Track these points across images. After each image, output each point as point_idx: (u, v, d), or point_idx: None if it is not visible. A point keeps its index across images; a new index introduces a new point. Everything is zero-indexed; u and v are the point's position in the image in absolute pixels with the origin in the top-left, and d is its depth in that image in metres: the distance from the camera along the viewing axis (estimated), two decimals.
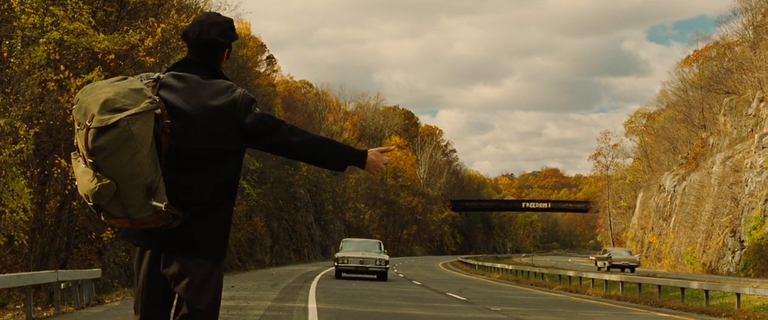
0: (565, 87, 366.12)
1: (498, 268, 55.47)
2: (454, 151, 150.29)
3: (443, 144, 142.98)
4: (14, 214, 21.10)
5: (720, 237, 55.85)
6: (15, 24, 21.90)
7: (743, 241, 52.56)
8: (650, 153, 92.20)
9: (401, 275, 45.10)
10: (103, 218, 4.58)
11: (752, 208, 51.72)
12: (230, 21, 4.99)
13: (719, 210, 57.66)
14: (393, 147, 6.03)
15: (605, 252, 63.19)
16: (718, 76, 71.28)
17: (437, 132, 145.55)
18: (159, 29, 26.33)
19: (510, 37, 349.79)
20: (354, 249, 37.13)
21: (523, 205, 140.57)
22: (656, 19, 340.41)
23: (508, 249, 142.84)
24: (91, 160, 4.38)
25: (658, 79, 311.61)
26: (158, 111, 4.53)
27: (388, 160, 4.98)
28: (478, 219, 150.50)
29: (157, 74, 4.85)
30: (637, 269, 56.20)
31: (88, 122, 4.36)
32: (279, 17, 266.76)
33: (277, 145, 4.82)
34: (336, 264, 36.17)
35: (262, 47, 78.57)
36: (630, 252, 62.45)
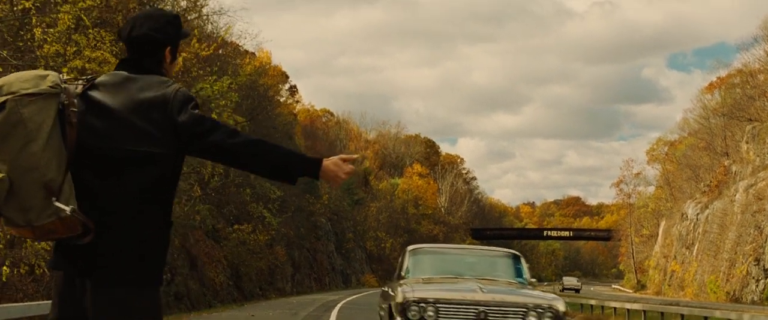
0: (585, 115, 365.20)
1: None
2: (474, 179, 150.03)
3: (464, 172, 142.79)
4: (36, 243, 21.13)
5: (743, 265, 55.47)
6: (38, 53, 22.01)
7: (767, 270, 52.20)
8: (672, 181, 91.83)
9: None
10: (5, 226, 3.97)
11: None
12: (172, 15, 4.37)
13: (743, 238, 57.28)
14: (357, 156, 5.14)
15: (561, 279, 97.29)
16: (741, 104, 70.97)
17: (458, 160, 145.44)
18: (180, 58, 26.39)
19: (528, 64, 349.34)
20: (453, 275, 13.61)
21: (545, 233, 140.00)
22: (676, 46, 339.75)
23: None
24: None
25: (680, 107, 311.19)
26: (64, 100, 3.94)
27: (351, 169, 4.22)
28: (500, 247, 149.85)
29: (92, 76, 4.23)
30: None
31: None
32: (297, 46, 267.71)
33: (216, 148, 4.05)
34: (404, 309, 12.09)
35: (284, 76, 78.79)
36: (577, 279, 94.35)
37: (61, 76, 4.04)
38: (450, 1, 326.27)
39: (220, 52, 37.55)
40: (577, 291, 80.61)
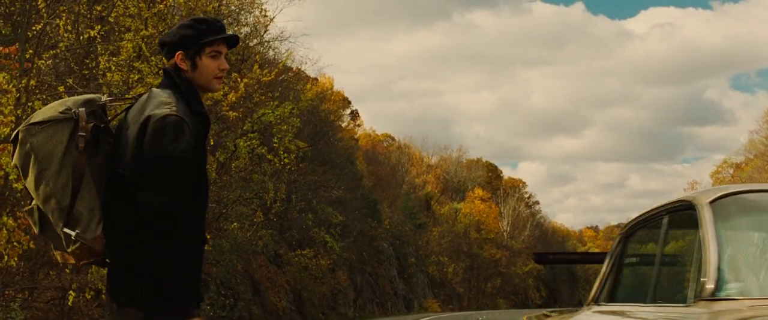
0: (647, 137, 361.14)
1: None
2: (537, 203, 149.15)
3: (526, 196, 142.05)
4: (101, 269, 21.36)
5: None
6: (101, 82, 22.31)
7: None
8: None
9: None
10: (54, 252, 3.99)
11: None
12: (188, 19, 4.16)
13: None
14: None
15: None
16: None
17: (520, 184, 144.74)
18: (242, 84, 26.62)
19: (588, 87, 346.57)
20: None
21: None
22: (739, 67, 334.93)
23: None
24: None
25: (744, 128, 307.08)
26: (81, 123, 3.85)
27: None
28: (563, 271, 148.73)
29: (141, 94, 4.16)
30: None
31: None
32: (357, 71, 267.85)
33: (140, 206, 3.77)
34: None
35: (345, 101, 79.06)
36: None
37: (101, 97, 4.02)
38: (508, 24, 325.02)
39: (282, 77, 37.76)
40: None
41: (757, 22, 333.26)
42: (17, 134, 3.82)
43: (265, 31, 35.50)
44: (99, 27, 21.50)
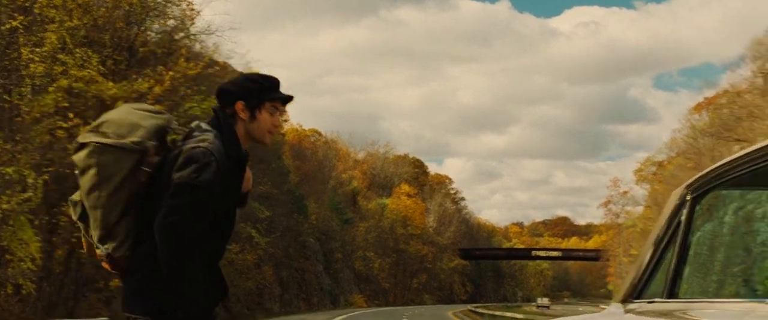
0: (572, 135, 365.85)
1: (508, 317, 55.07)
2: (463, 199, 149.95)
3: (452, 192, 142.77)
4: (22, 263, 20.99)
5: (732, 286, 55.54)
6: (24, 73, 21.93)
7: (756, 291, 52.27)
8: (661, 201, 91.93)
9: None
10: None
11: (764, 258, 51.47)
12: (256, 74, 4.46)
13: (731, 260, 57.38)
14: None
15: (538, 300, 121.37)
16: (728, 124, 71.15)
17: (446, 180, 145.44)
18: (168, 77, 26.40)
19: (514, 85, 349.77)
20: None
21: (534, 254, 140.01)
22: (662, 66, 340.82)
23: (519, 298, 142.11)
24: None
25: (667, 126, 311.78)
26: (149, 156, 4.11)
27: None
28: (489, 267, 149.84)
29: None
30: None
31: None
32: (283, 65, 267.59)
33: (155, 225, 3.96)
34: None
35: None
36: (548, 299, 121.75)
37: (169, 124, 4.30)
38: (434, 20, 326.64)
39: (209, 71, 37.47)
40: (548, 307, 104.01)
41: (679, 23, 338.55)
42: (87, 142, 4.08)
43: (191, 24, 35.17)
44: (22, 17, 21.13)
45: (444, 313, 73.84)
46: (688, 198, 4.02)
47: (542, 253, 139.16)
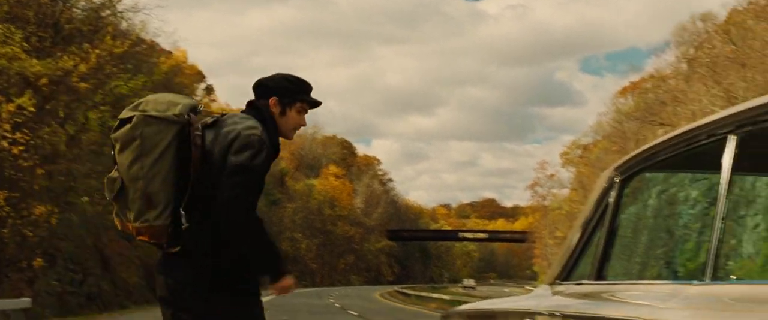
0: (499, 117, 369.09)
1: (434, 298, 55.36)
2: (390, 180, 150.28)
3: (380, 173, 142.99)
4: None
5: (655, 268, 56.32)
6: None
7: (678, 273, 53.06)
8: (587, 184, 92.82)
9: (337, 305, 44.83)
10: (115, 217, 4.64)
11: (686, 240, 52.24)
12: (293, 76, 4.92)
13: (654, 242, 58.16)
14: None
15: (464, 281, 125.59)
16: (653, 108, 72.03)
17: (374, 161, 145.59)
18: (93, 55, 26.04)
19: (443, 66, 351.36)
20: None
21: (461, 235, 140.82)
22: (588, 50, 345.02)
23: (446, 280, 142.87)
24: (113, 151, 4.52)
25: (593, 110, 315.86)
26: (194, 125, 4.50)
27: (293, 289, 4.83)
28: (416, 248, 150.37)
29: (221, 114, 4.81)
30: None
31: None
32: (210, 44, 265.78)
33: (219, 204, 4.39)
34: None
35: (199, 75, 78.13)
36: (474, 281, 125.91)
37: (199, 105, 4.64)
38: (364, 1, 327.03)
39: (135, 49, 37.02)
40: (473, 288, 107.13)
41: (606, 7, 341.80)
42: (130, 117, 4.43)
43: (118, 2, 34.67)
44: None
45: (371, 294, 73.99)
46: (617, 180, 4.02)
47: (469, 235, 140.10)
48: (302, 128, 5.10)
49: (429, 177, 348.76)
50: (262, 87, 4.82)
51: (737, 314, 2.63)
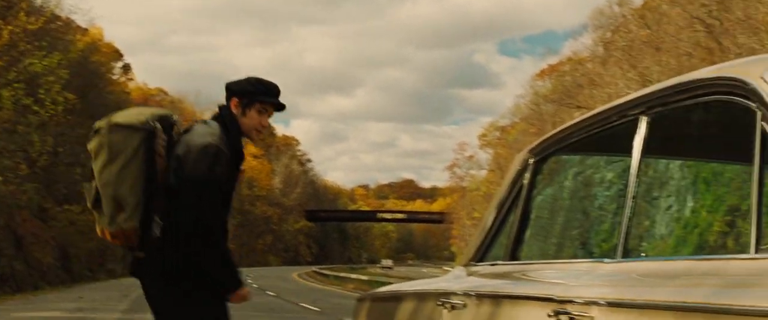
0: (418, 98, 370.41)
1: (352, 279, 55.50)
2: (309, 160, 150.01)
3: (299, 154, 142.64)
4: None
5: (571, 249, 57.01)
6: None
7: (592, 253, 53.76)
8: (504, 165, 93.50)
9: (255, 285, 44.70)
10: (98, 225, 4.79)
11: (601, 221, 52.91)
12: (255, 79, 4.96)
13: (570, 223, 58.86)
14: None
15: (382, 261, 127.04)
16: (570, 91, 72.75)
17: (293, 142, 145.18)
18: (6, 31, 25.59)
19: (362, 47, 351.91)
20: None
21: (379, 216, 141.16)
22: (506, 33, 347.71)
23: (364, 260, 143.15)
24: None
25: (510, 92, 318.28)
26: (158, 134, 4.64)
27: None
28: (334, 229, 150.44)
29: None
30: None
31: None
32: (127, 22, 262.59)
33: (177, 222, 4.60)
34: None
35: (117, 54, 77.09)
36: (391, 261, 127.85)
37: (172, 116, 4.83)
38: None
39: (51, 26, 36.43)
40: (391, 268, 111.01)
41: None
42: (100, 127, 4.65)
43: None
44: None
45: (289, 275, 73.89)
46: (531, 162, 4.06)
47: (387, 215, 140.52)
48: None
49: (348, 158, 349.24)
50: (227, 89, 4.92)
51: (646, 288, 2.69)
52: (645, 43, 41.98)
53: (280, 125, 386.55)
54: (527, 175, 4.03)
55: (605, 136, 3.48)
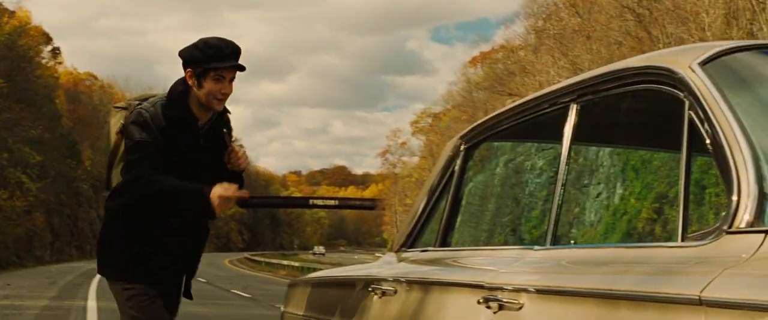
0: (351, 85, 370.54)
1: (284, 265, 55.43)
2: (241, 146, 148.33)
3: (232, 140, 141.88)
4: None
5: (502, 236, 57.41)
6: None
7: (523, 240, 54.19)
8: (436, 152, 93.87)
9: None
10: None
11: (532, 208, 53.33)
12: (201, 41, 4.65)
13: (502, 210, 59.24)
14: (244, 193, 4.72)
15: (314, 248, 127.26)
16: (502, 78, 73.15)
17: None
18: None
19: (295, 33, 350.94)
20: None
21: (311, 202, 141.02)
22: (439, 20, 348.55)
23: (296, 246, 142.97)
24: None
25: (443, 79, 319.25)
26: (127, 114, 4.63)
27: (234, 189, 4.45)
28: (266, 215, 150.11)
29: None
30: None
31: None
32: (56, 5, 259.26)
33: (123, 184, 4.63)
34: None
35: (45, 37, 76.08)
36: (324, 248, 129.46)
37: (158, 100, 4.61)
38: None
39: None
40: (323, 254, 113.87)
41: None
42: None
43: None
44: None
45: (220, 261, 73.59)
46: (462, 149, 4.06)
47: (319, 202, 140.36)
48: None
49: (280, 144, 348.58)
50: (181, 59, 4.65)
51: (574, 275, 2.72)
52: (576, 31, 42.34)
53: None
54: (458, 162, 4.04)
55: (536, 124, 3.50)
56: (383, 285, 3.96)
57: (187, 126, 4.59)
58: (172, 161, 4.50)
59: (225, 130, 4.79)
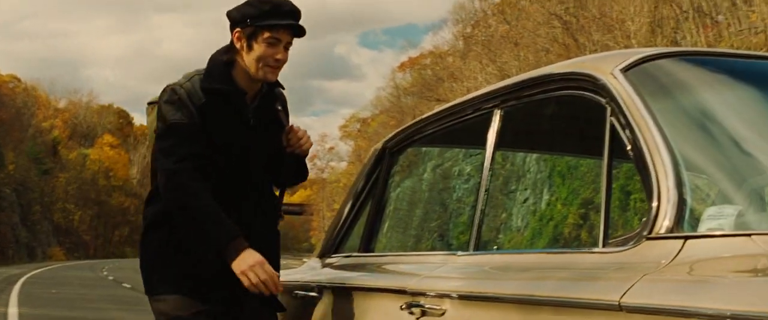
0: None
1: None
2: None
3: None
4: None
5: (429, 241, 57.52)
6: None
7: (450, 245, 54.34)
8: (364, 157, 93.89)
9: (111, 278, 43.98)
10: None
11: (460, 214, 53.52)
12: None
13: (429, 215, 59.36)
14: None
15: None
16: (430, 84, 73.44)
17: None
18: None
19: (221, 36, 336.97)
20: None
21: None
22: (367, 25, 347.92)
23: None
24: None
25: (371, 84, 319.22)
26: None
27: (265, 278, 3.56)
28: None
29: None
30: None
31: None
32: None
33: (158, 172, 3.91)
34: None
35: None
36: None
37: (195, 73, 3.90)
38: None
39: None
40: None
41: None
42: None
43: None
44: None
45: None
46: (386, 154, 4.03)
47: None
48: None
49: None
50: (228, 18, 3.95)
51: (496, 281, 2.73)
52: (504, 38, 42.67)
53: (138, 114, 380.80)
54: (383, 167, 4.02)
55: (460, 129, 3.51)
56: (306, 291, 3.94)
57: (231, 102, 3.84)
58: (216, 147, 3.77)
59: (279, 108, 4.03)
